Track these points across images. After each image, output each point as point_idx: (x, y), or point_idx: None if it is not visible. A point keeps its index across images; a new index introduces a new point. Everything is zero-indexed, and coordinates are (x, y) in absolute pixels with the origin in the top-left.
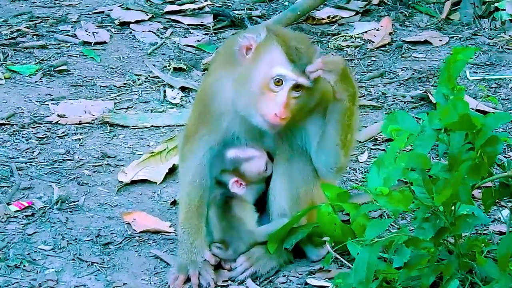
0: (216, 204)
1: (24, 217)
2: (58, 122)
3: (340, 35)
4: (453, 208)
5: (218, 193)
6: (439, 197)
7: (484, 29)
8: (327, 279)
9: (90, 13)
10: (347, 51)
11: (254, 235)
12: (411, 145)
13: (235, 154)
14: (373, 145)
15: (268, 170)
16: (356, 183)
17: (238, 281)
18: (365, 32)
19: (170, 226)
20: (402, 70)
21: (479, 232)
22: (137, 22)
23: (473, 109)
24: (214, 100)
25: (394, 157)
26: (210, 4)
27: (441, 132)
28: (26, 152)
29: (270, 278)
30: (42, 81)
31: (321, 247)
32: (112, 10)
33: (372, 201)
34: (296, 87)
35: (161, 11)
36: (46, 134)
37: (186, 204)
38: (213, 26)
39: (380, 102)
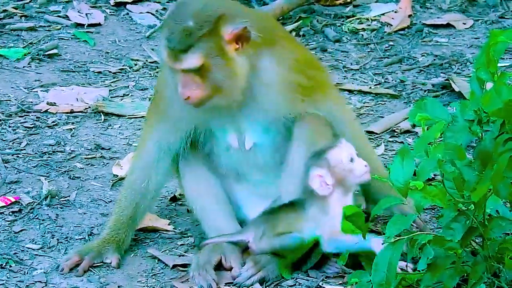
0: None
1: (11, 213)
2: (48, 110)
3: (356, 17)
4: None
5: None
6: (475, 193)
7: None
8: (342, 284)
9: None
10: (362, 35)
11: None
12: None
13: (323, 145)
14: (390, 137)
15: (361, 173)
16: None
17: (245, 286)
18: (383, 14)
19: (169, 224)
20: (422, 55)
21: (505, 232)
22: (134, 2)
23: None
24: (165, 87)
25: (425, 148)
26: None
27: (474, 124)
28: (13, 143)
29: (277, 281)
30: (30, 66)
31: None
32: None
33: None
34: (189, 70)
35: None
36: (34, 124)
37: (119, 210)
38: None
39: (398, 91)
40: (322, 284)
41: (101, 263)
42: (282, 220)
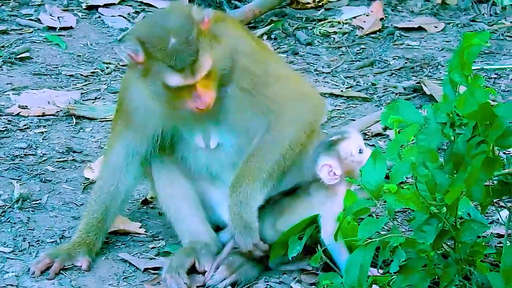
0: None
1: None
2: (20, 113)
3: (327, 20)
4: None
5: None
6: (448, 195)
7: (483, 14)
8: (313, 284)
9: None
10: (334, 38)
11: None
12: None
13: (333, 136)
14: None
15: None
16: None
17: None
18: (354, 17)
19: (140, 227)
20: (393, 58)
21: (477, 235)
22: (106, 5)
23: None
24: (129, 95)
25: (398, 150)
26: None
27: (447, 126)
28: None
29: (249, 284)
30: (2, 70)
31: None
32: None
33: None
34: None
35: None
36: (6, 127)
37: (89, 213)
38: None
39: (370, 94)
40: (294, 285)
41: (72, 266)
42: (287, 206)
